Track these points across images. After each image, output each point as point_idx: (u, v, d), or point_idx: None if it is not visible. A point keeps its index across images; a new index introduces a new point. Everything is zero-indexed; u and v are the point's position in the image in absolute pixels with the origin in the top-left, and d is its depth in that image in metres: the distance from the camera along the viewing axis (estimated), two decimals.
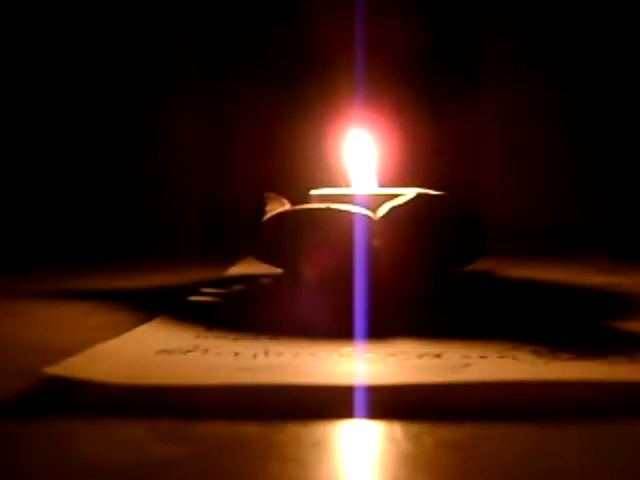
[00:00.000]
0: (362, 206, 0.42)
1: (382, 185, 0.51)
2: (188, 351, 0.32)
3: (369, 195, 0.46)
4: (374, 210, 0.42)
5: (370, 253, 0.41)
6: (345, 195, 0.46)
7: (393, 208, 0.42)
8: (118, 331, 0.36)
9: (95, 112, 0.97)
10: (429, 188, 0.45)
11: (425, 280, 0.43)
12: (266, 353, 0.32)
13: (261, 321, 0.39)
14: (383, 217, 0.42)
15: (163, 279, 0.58)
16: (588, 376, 0.28)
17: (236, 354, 0.32)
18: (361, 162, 0.51)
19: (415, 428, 0.25)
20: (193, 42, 0.99)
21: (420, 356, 0.31)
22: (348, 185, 0.51)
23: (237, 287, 0.51)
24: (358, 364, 0.31)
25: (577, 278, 0.54)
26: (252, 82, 0.97)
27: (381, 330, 0.36)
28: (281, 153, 0.95)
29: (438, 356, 0.31)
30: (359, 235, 0.41)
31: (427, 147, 0.93)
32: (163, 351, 0.32)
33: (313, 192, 0.48)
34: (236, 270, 0.58)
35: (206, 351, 0.32)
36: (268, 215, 0.44)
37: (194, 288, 0.49)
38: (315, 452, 0.23)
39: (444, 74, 0.97)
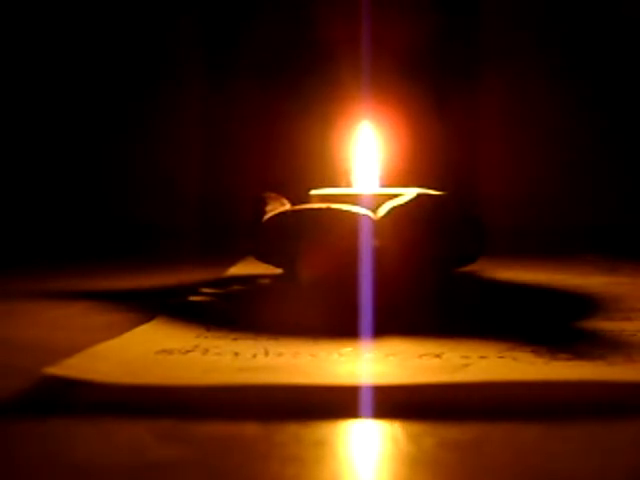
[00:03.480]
0: (363, 206, 0.42)
1: (383, 185, 0.51)
2: (188, 351, 0.32)
3: (370, 195, 0.46)
4: (375, 210, 0.42)
5: (370, 253, 0.41)
6: (346, 195, 0.46)
7: (394, 208, 0.42)
8: (118, 331, 0.36)
9: (95, 112, 0.97)
10: (430, 188, 0.45)
11: (425, 280, 0.43)
12: (266, 353, 0.32)
13: (261, 321, 0.39)
14: (384, 217, 0.42)
15: (163, 279, 0.58)
16: (588, 376, 0.28)
17: (236, 354, 0.32)
18: (362, 162, 0.51)
19: (415, 428, 0.25)
20: (194, 41, 0.99)
21: (420, 356, 0.31)
22: (349, 185, 0.51)
23: (237, 287, 0.51)
24: (358, 364, 0.31)
25: (576, 278, 0.54)
26: (253, 82, 0.97)
27: (381, 330, 0.36)
28: (282, 153, 0.95)
29: (438, 356, 0.31)
30: (359, 235, 0.41)
31: (428, 147, 0.93)
32: (163, 351, 0.32)
33: (313, 192, 0.48)
34: (236, 270, 0.58)
35: (206, 351, 0.32)
36: (268, 215, 0.44)
37: (194, 288, 0.49)
38: (315, 452, 0.23)
39: (447, 73, 0.97)
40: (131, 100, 0.98)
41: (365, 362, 0.31)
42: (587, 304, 0.46)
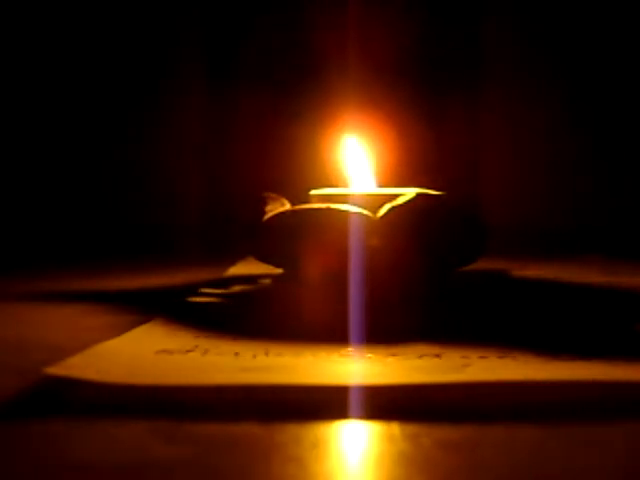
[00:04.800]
0: (362, 206, 0.42)
1: (382, 185, 0.51)
2: (188, 351, 0.32)
3: (369, 195, 0.46)
4: (374, 210, 0.42)
5: (370, 253, 0.41)
6: (345, 195, 0.46)
7: (393, 208, 0.42)
8: (118, 331, 0.36)
9: (95, 112, 0.97)
10: (429, 188, 0.45)
11: (425, 280, 0.43)
12: (266, 353, 0.32)
13: (261, 321, 0.39)
14: (383, 217, 0.42)
15: (163, 279, 0.58)
16: (588, 376, 0.28)
17: (236, 354, 0.32)
18: (361, 162, 0.51)
19: (414, 428, 0.25)
20: (193, 44, 0.99)
21: (420, 356, 0.31)
22: (348, 185, 0.51)
23: (237, 287, 0.51)
24: (358, 364, 0.31)
25: (577, 278, 0.54)
26: (252, 83, 0.97)
27: (381, 330, 0.36)
28: (281, 153, 0.95)
29: (438, 356, 0.31)
30: (359, 235, 0.41)
31: (427, 147, 0.93)
32: (163, 351, 0.32)
33: (313, 192, 0.48)
34: (236, 270, 0.58)
35: (206, 351, 0.32)
36: (268, 215, 0.44)
37: (194, 288, 0.49)
38: (315, 452, 0.23)
39: (444, 74, 0.97)
40: (131, 101, 0.98)
41: (365, 362, 0.31)
42: (587, 304, 0.46)
